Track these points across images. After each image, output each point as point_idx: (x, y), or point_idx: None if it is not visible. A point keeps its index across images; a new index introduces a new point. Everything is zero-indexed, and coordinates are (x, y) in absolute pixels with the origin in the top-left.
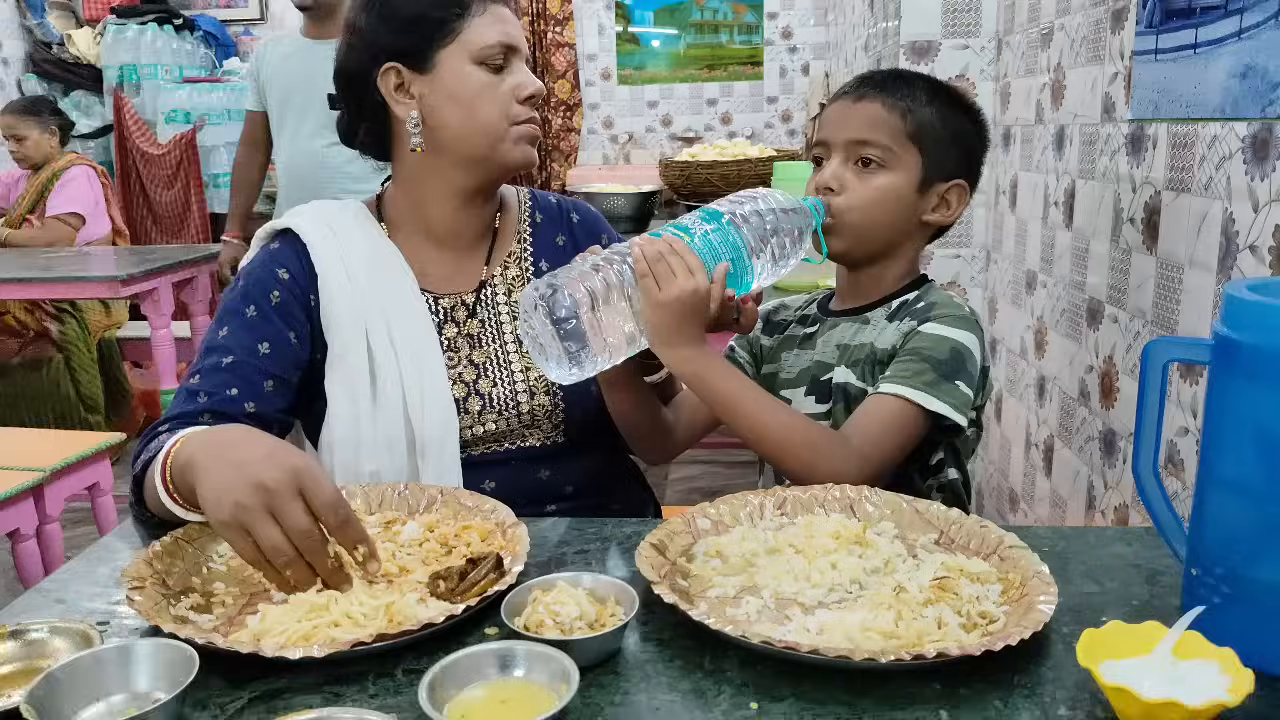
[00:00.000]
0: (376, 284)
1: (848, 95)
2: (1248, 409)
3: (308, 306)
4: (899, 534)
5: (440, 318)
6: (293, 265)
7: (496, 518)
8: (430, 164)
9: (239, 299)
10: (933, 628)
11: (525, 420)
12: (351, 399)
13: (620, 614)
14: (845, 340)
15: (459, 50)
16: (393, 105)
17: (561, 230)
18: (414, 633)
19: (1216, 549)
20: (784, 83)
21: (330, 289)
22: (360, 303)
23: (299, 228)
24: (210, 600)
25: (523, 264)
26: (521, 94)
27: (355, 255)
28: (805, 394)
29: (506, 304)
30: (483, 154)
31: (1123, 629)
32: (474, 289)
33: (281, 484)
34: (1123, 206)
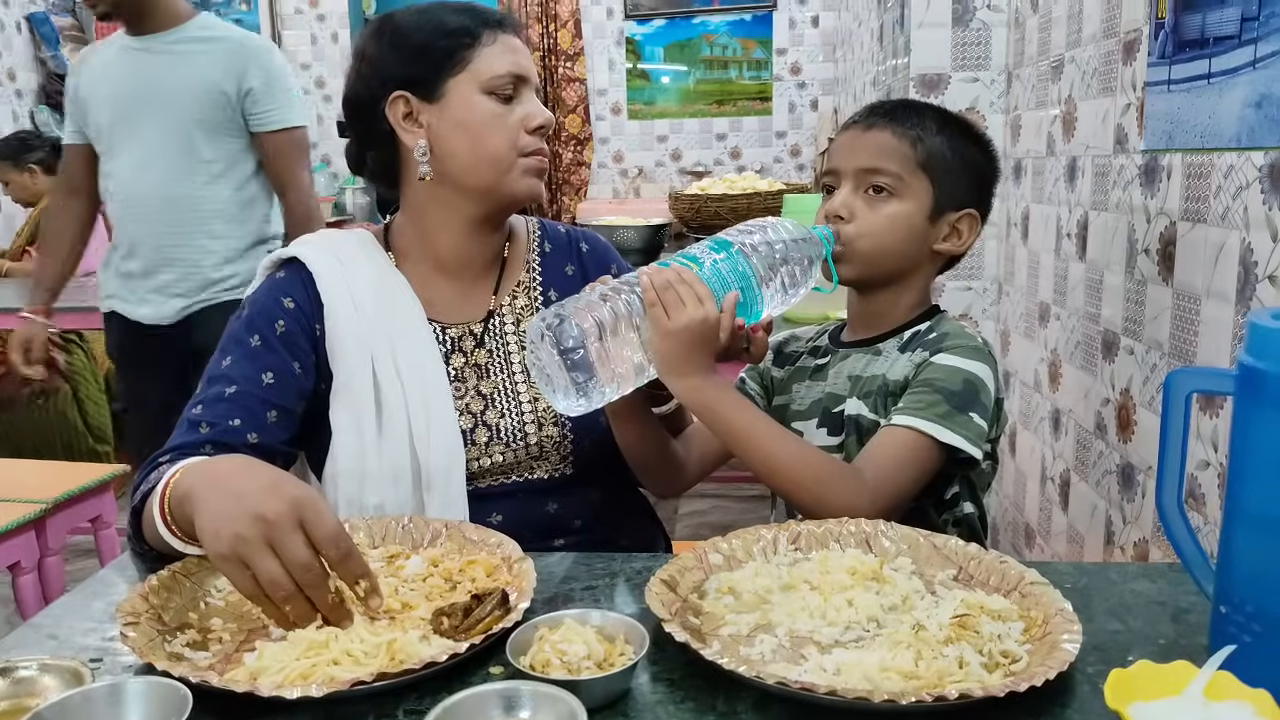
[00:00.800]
0: (383, 313)
1: (857, 124)
2: (1275, 440)
3: (313, 336)
4: (916, 569)
5: (447, 347)
6: (298, 294)
7: (503, 552)
8: (438, 193)
9: (243, 328)
10: (954, 667)
11: (533, 452)
12: (356, 430)
13: (630, 653)
14: (857, 371)
15: (468, 80)
16: (401, 134)
17: (570, 260)
18: (416, 672)
19: (1245, 585)
20: (793, 118)
21: (336, 318)
22: (366, 332)
23: (304, 256)
24: (207, 637)
25: (531, 293)
26: (530, 124)
27: (361, 284)
28: (817, 426)
29: (515, 334)
30: (489, 184)
31: (1151, 669)
32: (482, 319)
33: (282, 516)
34: (1137, 237)
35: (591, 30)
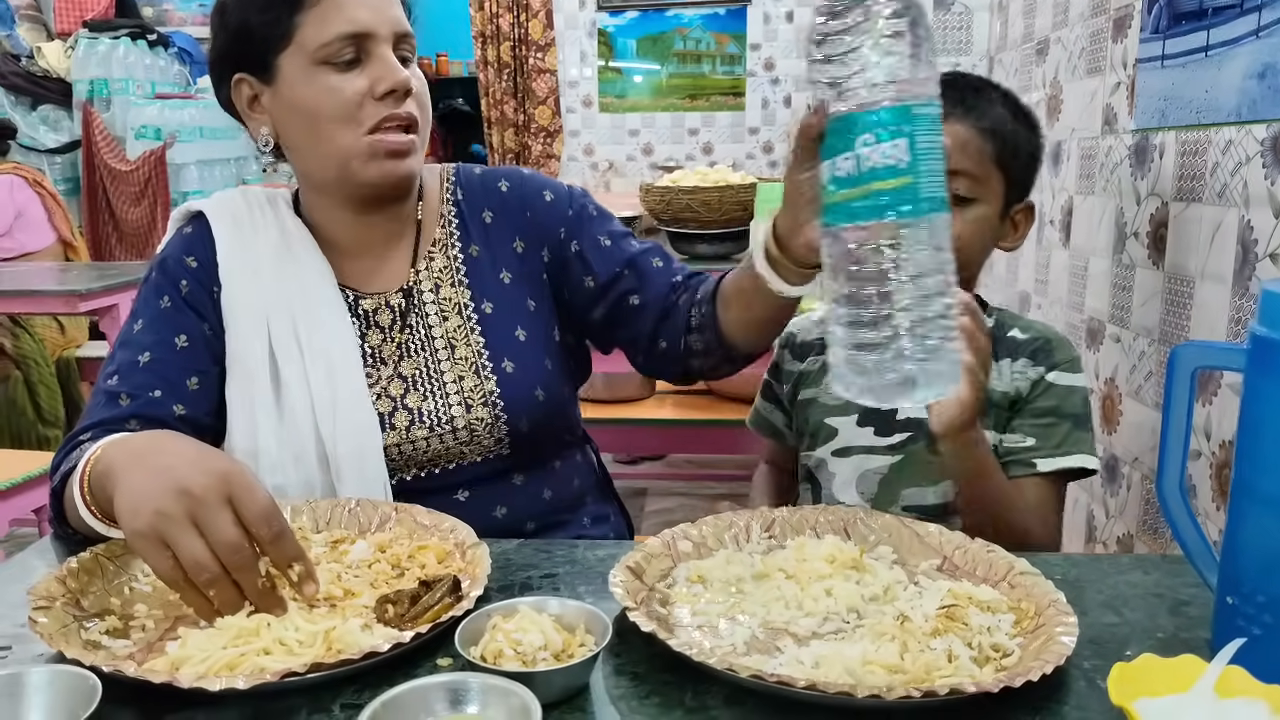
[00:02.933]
0: (284, 279)
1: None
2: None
3: (213, 297)
4: (898, 559)
5: (363, 322)
6: (199, 252)
7: (456, 537)
8: (306, 181)
9: (152, 290)
10: (942, 661)
11: (462, 437)
12: (249, 407)
13: (590, 644)
14: None
15: (296, 53)
16: (245, 120)
17: (488, 204)
18: (354, 662)
19: (1255, 574)
20: (766, 114)
21: (230, 281)
22: (260, 299)
23: (207, 211)
24: (128, 624)
25: (449, 252)
26: (378, 90)
27: (263, 245)
28: (859, 424)
29: (435, 301)
30: (335, 175)
31: (1155, 663)
32: (399, 288)
33: (209, 490)
34: (1126, 221)
35: (563, 21)
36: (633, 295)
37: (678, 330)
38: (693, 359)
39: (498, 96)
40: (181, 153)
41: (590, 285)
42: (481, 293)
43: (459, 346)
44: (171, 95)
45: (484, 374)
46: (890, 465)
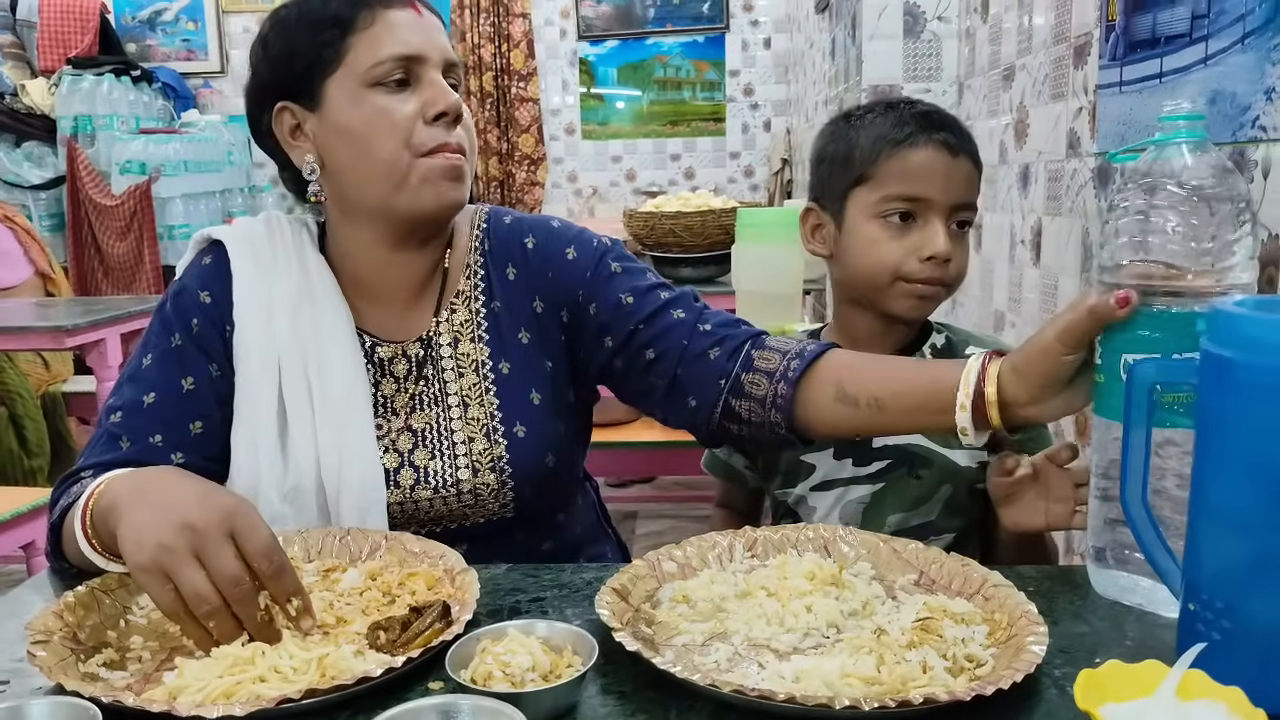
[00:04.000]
0: (301, 324)
1: (939, 146)
2: (1238, 429)
3: (224, 336)
4: (876, 574)
5: (377, 370)
6: (215, 287)
7: (445, 564)
8: (342, 214)
9: (164, 324)
10: (917, 672)
11: (466, 500)
12: (252, 454)
13: (578, 664)
14: None
15: (346, 76)
16: (288, 150)
17: (512, 260)
18: (349, 688)
19: (1214, 582)
20: (746, 138)
21: (243, 322)
22: (274, 343)
23: (227, 240)
24: (125, 656)
25: (472, 305)
26: (429, 113)
27: (282, 287)
28: (835, 456)
29: (452, 356)
30: (384, 200)
31: (1121, 669)
32: (418, 338)
33: (211, 525)
34: (1091, 240)
35: (544, 51)
36: (648, 350)
37: (712, 386)
38: (734, 424)
39: (481, 125)
40: (167, 187)
41: (609, 345)
42: (500, 352)
43: (472, 406)
44: (156, 130)
45: (495, 437)
46: (872, 494)
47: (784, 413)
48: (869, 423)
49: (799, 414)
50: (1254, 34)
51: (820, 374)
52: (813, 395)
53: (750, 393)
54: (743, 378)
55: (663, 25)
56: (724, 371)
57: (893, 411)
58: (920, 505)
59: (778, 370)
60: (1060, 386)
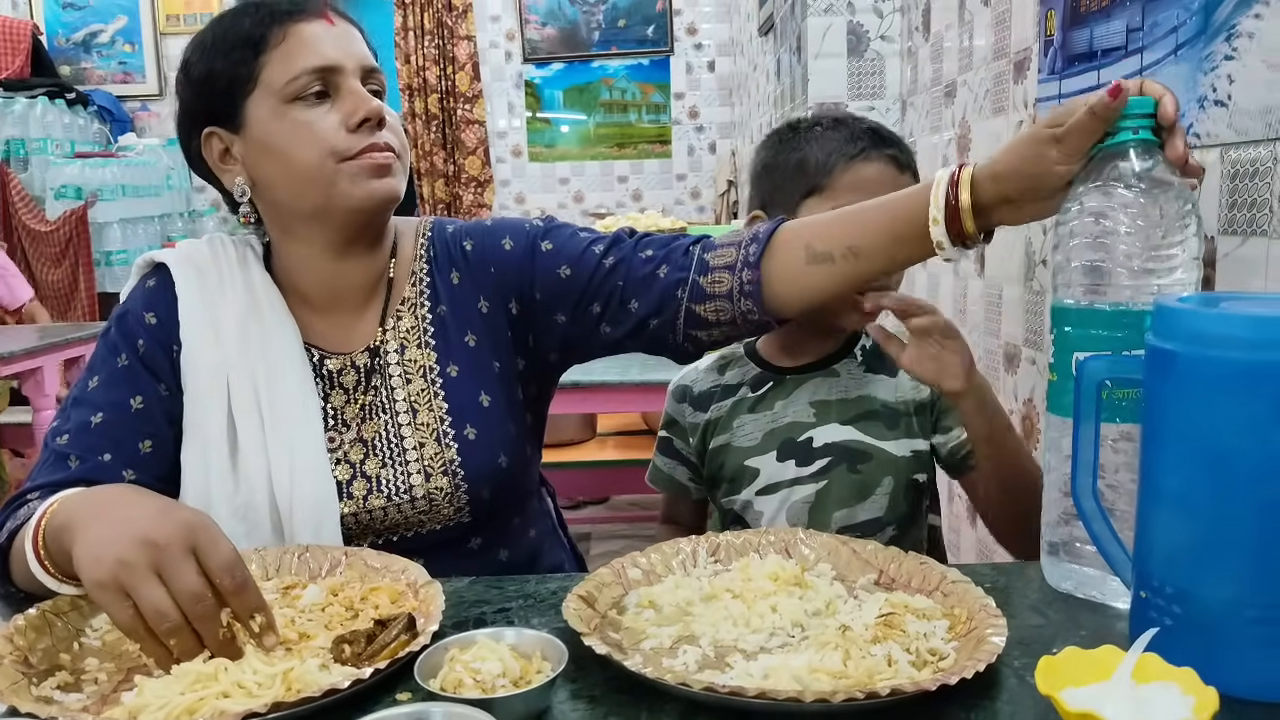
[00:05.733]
0: (248, 342)
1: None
2: (1183, 420)
3: (171, 356)
4: (838, 575)
5: (326, 383)
6: (159, 308)
7: (408, 577)
8: (281, 230)
9: (109, 347)
10: (883, 665)
11: (420, 507)
12: (203, 472)
13: (547, 670)
14: (820, 396)
15: (264, 95)
16: (219, 174)
17: (455, 265)
18: (316, 700)
19: (1164, 569)
20: (692, 160)
21: (190, 343)
22: (222, 362)
23: (170, 261)
24: (80, 678)
25: (418, 312)
26: (351, 122)
27: (227, 307)
28: (778, 459)
29: (399, 364)
30: (317, 205)
31: (1079, 655)
32: (365, 348)
33: (173, 540)
34: (1034, 249)
35: (490, 73)
36: (594, 305)
37: (669, 301)
38: (701, 330)
39: (427, 148)
40: (104, 211)
41: (562, 320)
42: (447, 356)
43: (421, 411)
44: (92, 154)
45: (445, 441)
46: (816, 492)
47: (754, 298)
48: (846, 274)
49: (769, 294)
50: (1186, 45)
51: (782, 246)
52: (780, 269)
53: (713, 292)
54: (700, 281)
55: (607, 48)
56: (678, 282)
57: (870, 252)
58: (864, 499)
59: (737, 261)
60: (1040, 194)
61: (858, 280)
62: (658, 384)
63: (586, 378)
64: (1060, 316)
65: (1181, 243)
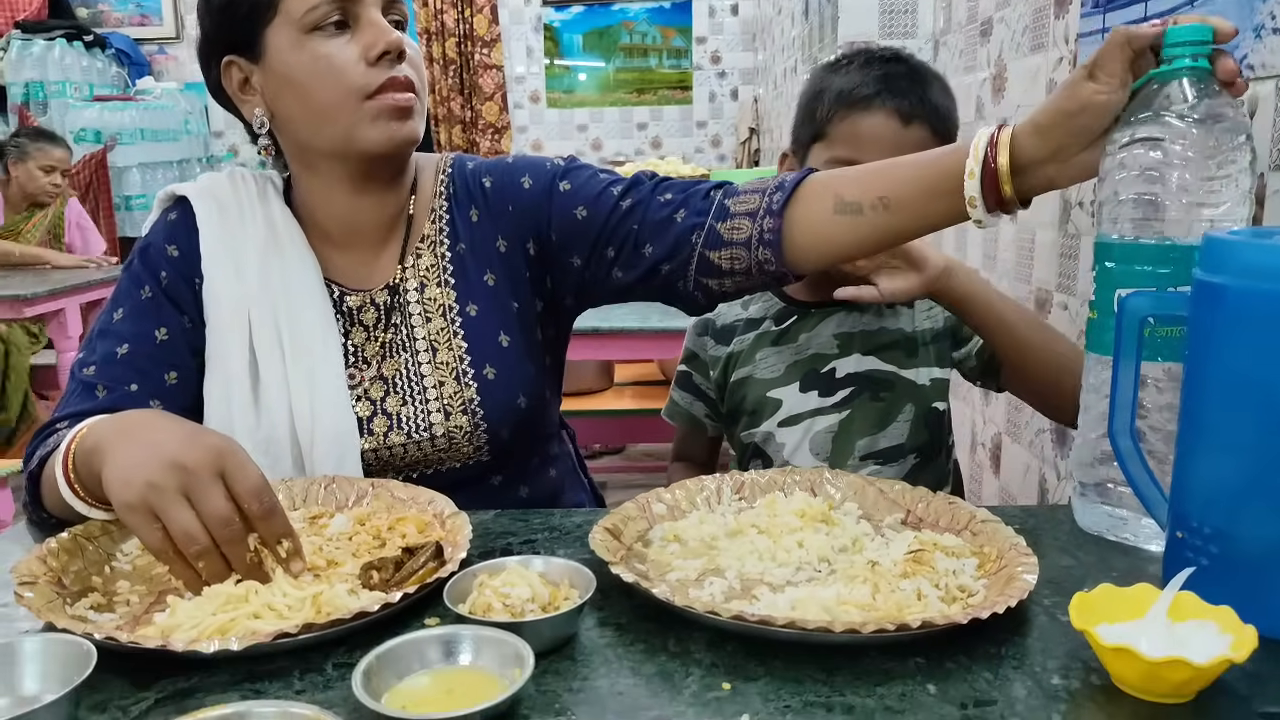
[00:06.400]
0: (269, 276)
1: (891, 114)
2: (1230, 356)
3: (194, 288)
4: (864, 515)
5: (347, 320)
6: (181, 240)
7: (434, 509)
8: (300, 163)
9: (133, 279)
10: (912, 600)
11: (440, 445)
12: (225, 405)
13: (575, 597)
14: (843, 329)
15: (284, 24)
16: (239, 104)
17: (475, 203)
18: (346, 623)
19: (1203, 508)
20: (713, 107)
21: (212, 276)
22: (244, 296)
23: (191, 194)
24: (113, 600)
25: (437, 250)
26: (371, 54)
27: (248, 241)
28: (801, 390)
29: (419, 302)
30: (336, 144)
31: (1113, 592)
32: (385, 285)
33: (201, 464)
34: (1070, 192)
35: (508, 16)
36: (608, 249)
37: (683, 246)
38: (713, 279)
39: (444, 93)
40: (123, 155)
41: (577, 263)
42: (466, 295)
43: (440, 350)
44: (111, 97)
45: (464, 380)
46: (839, 421)
47: (773, 247)
48: (874, 227)
49: (789, 245)
50: None
51: (809, 196)
52: (805, 219)
53: (730, 239)
54: (718, 227)
55: None
56: (694, 227)
57: (901, 205)
58: (885, 427)
59: (759, 208)
60: (1083, 137)
61: (884, 236)
62: (677, 331)
63: (605, 324)
64: (1104, 252)
65: (1234, 177)
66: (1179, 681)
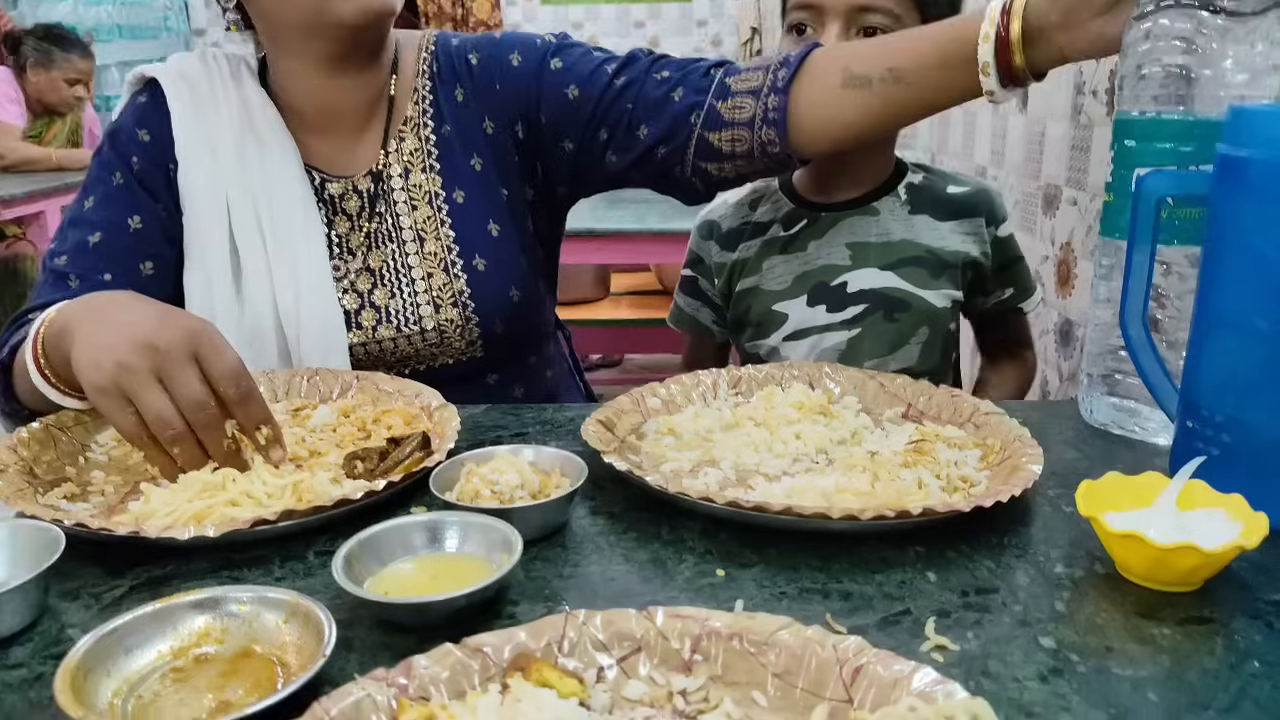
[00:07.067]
0: (246, 156)
1: None
2: (1251, 234)
3: (167, 174)
4: (864, 409)
5: (329, 209)
6: (153, 124)
7: (422, 401)
8: (273, 42)
9: (104, 165)
10: (912, 489)
11: (431, 339)
12: (206, 297)
13: (566, 485)
14: (858, 238)
15: None
16: None
17: (460, 81)
18: (327, 510)
19: (1215, 395)
20: (714, 5)
21: (186, 160)
22: (220, 181)
23: (160, 75)
24: (87, 490)
25: (421, 132)
26: None
27: (224, 116)
28: (808, 304)
29: (404, 188)
30: (307, 19)
31: (1121, 480)
32: (367, 172)
33: (174, 345)
34: (1084, 80)
35: None
36: (601, 130)
37: (681, 128)
38: (711, 163)
39: None
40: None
41: (569, 148)
42: (452, 180)
43: (428, 240)
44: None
45: (454, 271)
46: (847, 340)
47: (778, 127)
48: (884, 101)
49: (795, 124)
50: None
51: (815, 70)
52: (812, 95)
53: (732, 119)
54: (718, 107)
55: None
56: (692, 106)
57: (911, 77)
58: (897, 349)
59: (763, 85)
60: (1094, 5)
61: (894, 111)
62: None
63: (601, 225)
64: (1123, 129)
65: (1264, 50)
66: (1187, 569)
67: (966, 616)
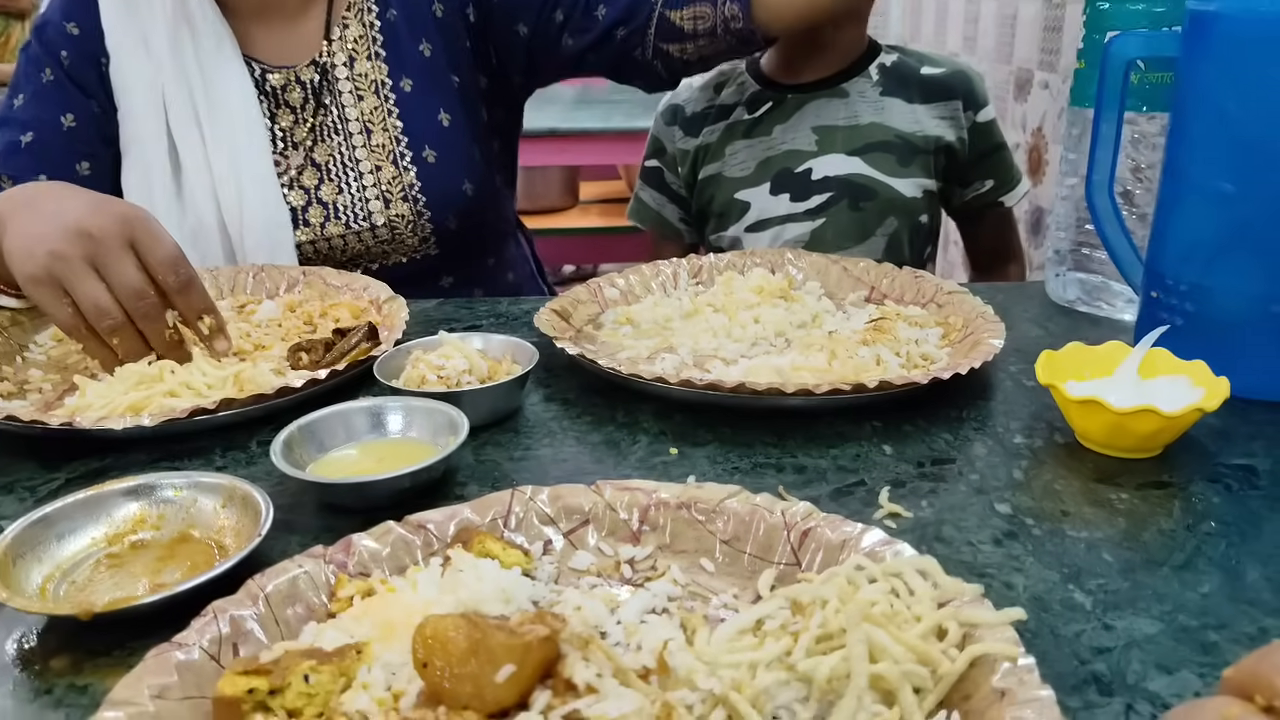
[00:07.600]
0: (180, 45)
1: None
2: (1219, 94)
3: (101, 69)
4: (826, 293)
5: (271, 101)
6: (80, 16)
7: (370, 294)
8: None
9: (32, 62)
10: (870, 365)
11: (381, 235)
12: (146, 195)
13: (518, 371)
14: (824, 121)
15: None
16: None
17: None
18: (269, 399)
19: (1180, 264)
20: None
21: (117, 50)
22: (155, 74)
23: None
24: (24, 388)
25: (365, 18)
26: None
27: (155, 8)
28: (771, 192)
29: (349, 78)
30: None
31: (1082, 350)
32: (310, 62)
33: (108, 232)
34: None
35: None
36: (556, 11)
37: (640, 6)
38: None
39: None
40: None
41: (524, 32)
42: (400, 67)
43: (375, 132)
44: None
45: (403, 164)
46: (811, 231)
47: (741, 1)
48: None
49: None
50: None
51: None
52: None
53: None
54: None
55: None
56: None
57: None
58: (863, 240)
59: None
60: None
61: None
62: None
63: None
64: None
65: None
66: (1146, 434)
67: (922, 486)
